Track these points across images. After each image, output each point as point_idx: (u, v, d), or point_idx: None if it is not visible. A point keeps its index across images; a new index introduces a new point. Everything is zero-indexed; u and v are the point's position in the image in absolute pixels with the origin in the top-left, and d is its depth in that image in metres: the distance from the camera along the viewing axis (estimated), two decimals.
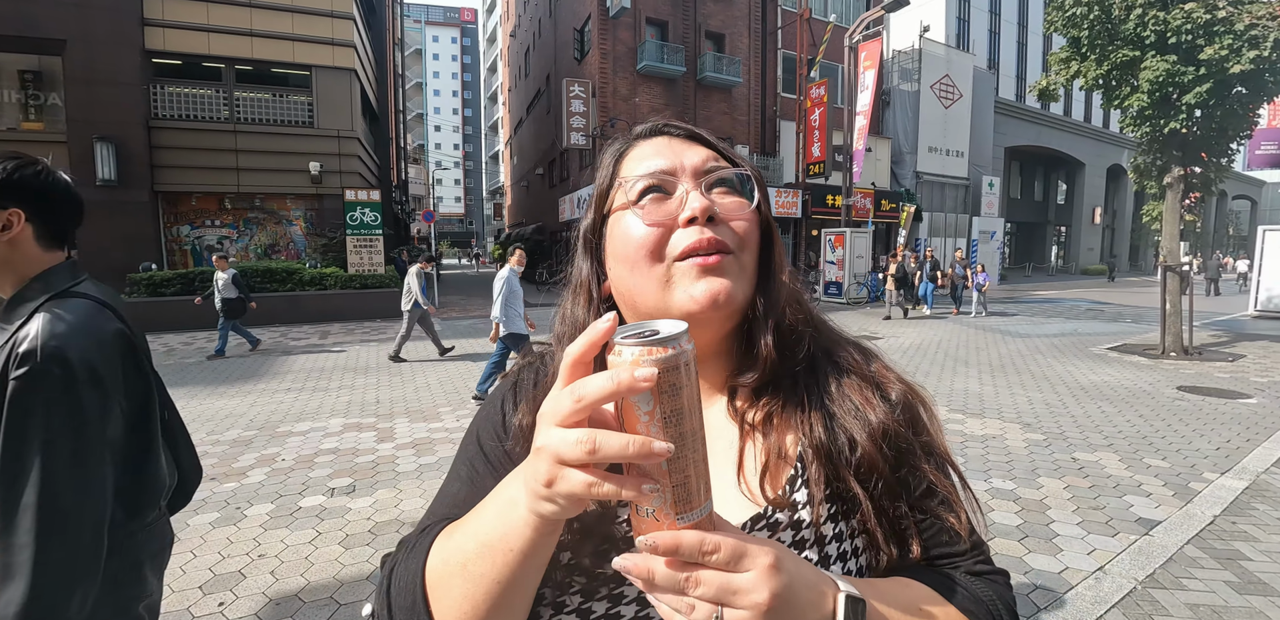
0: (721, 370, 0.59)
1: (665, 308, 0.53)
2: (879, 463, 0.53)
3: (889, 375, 0.61)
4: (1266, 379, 6.82)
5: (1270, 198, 47.14)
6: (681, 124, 0.60)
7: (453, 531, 0.46)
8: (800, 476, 0.54)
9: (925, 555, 0.55)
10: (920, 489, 0.55)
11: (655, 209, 0.54)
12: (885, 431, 0.55)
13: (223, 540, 3.03)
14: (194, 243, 13.09)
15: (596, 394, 0.34)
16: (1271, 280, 12.88)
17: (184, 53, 12.47)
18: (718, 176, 0.56)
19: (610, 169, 0.59)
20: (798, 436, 0.55)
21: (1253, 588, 2.57)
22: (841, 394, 0.57)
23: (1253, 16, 6.78)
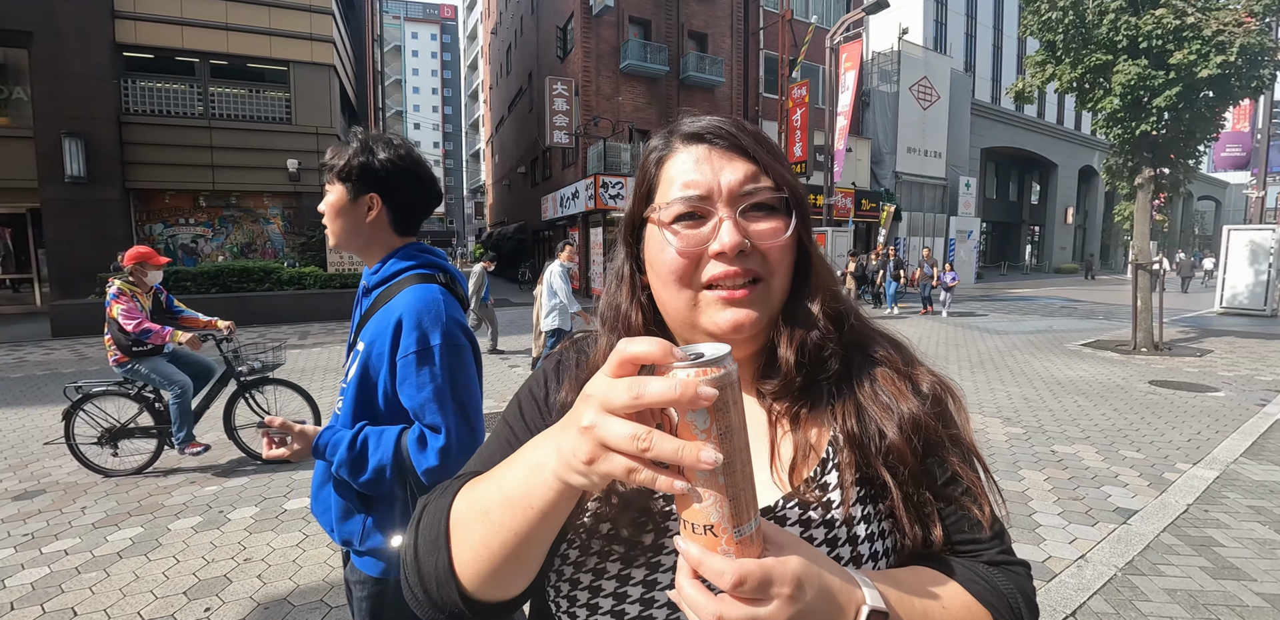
0: (750, 369, 0.61)
1: (692, 324, 0.56)
2: (907, 453, 0.55)
3: (920, 368, 0.62)
4: (1233, 373, 7.06)
5: (1234, 198, 48.66)
6: (727, 129, 0.56)
7: (481, 481, 0.49)
8: (831, 460, 0.56)
9: (948, 541, 0.56)
10: (945, 478, 0.57)
11: (687, 235, 0.54)
12: (915, 422, 0.56)
13: (206, 545, 2.97)
14: (168, 241, 12.78)
15: (655, 396, 0.35)
16: (1236, 278, 13.33)
17: (156, 46, 12.16)
18: (753, 202, 0.55)
19: (651, 172, 0.59)
20: (828, 426, 0.57)
21: (1226, 572, 2.66)
22: (874, 386, 0.58)
23: (1220, 22, 7.00)
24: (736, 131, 0.56)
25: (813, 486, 0.55)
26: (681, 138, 0.57)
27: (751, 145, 0.56)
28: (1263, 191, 14.29)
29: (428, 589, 0.49)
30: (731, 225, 0.53)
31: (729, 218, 0.53)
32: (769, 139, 0.58)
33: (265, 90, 13.03)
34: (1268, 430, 4.79)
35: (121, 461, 4.02)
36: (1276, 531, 3.06)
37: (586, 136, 17.57)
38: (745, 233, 0.54)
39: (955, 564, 0.55)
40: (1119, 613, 2.37)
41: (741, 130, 0.57)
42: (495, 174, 37.37)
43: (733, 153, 0.56)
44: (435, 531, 0.49)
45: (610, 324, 0.62)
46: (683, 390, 0.34)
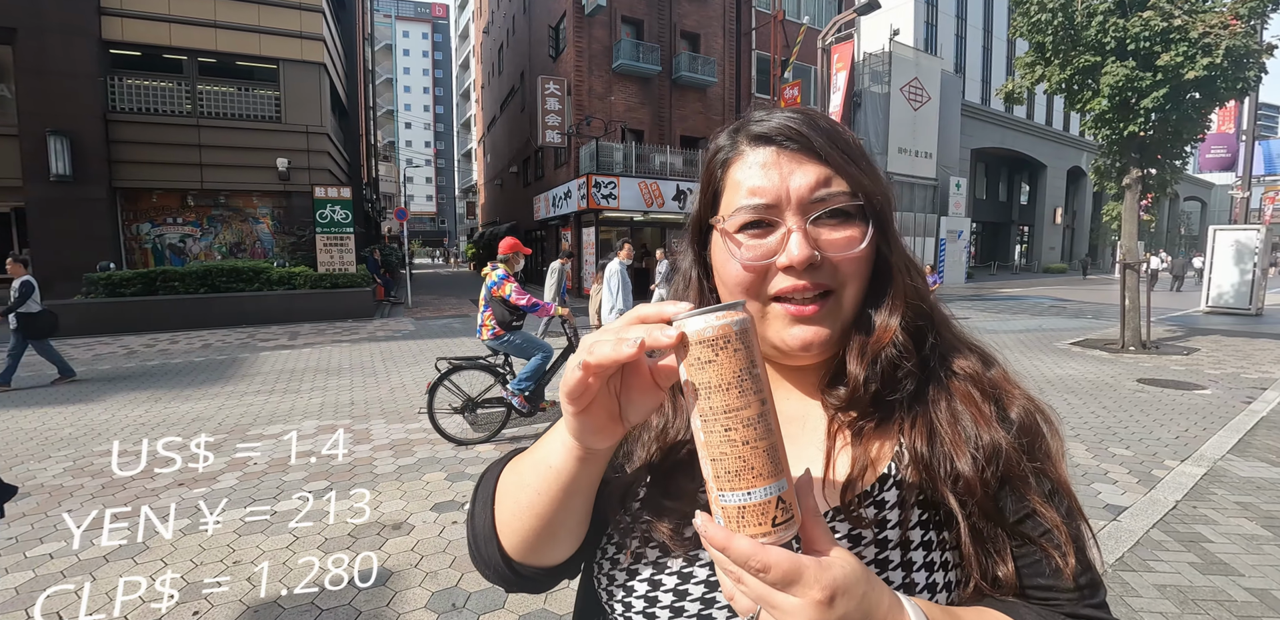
0: (817, 374, 0.57)
1: (761, 336, 0.53)
2: (976, 485, 0.50)
3: (1012, 390, 0.56)
4: (1219, 371, 7.14)
5: (1219, 199, 49.32)
6: (795, 128, 0.52)
7: (530, 451, 0.54)
8: (892, 477, 0.52)
9: (1020, 586, 0.51)
10: (1021, 514, 0.51)
11: (753, 246, 0.51)
12: (996, 452, 0.51)
13: (194, 548, 2.94)
14: (155, 241, 12.64)
15: (632, 336, 0.38)
16: (1222, 277, 13.50)
17: (144, 44, 12.02)
18: (825, 210, 0.50)
19: (717, 175, 0.55)
20: (893, 442, 0.53)
21: (1215, 568, 2.69)
22: (952, 406, 0.53)
23: (1206, 25, 7.08)
24: (808, 131, 0.51)
25: (867, 502, 0.51)
26: (749, 138, 0.53)
27: (824, 146, 0.51)
28: (1247, 192, 14.48)
29: (477, 546, 0.54)
30: (800, 237, 0.49)
31: (798, 228, 0.50)
32: (847, 137, 0.53)
33: (254, 88, 12.92)
34: (1254, 427, 4.85)
35: (474, 431, 4.66)
36: (1263, 527, 3.10)
37: (579, 136, 17.54)
38: (815, 244, 0.50)
39: (1027, 612, 0.49)
40: (1110, 608, 2.38)
41: (814, 129, 0.52)
42: (487, 174, 37.24)
43: (803, 155, 0.51)
44: (487, 493, 0.55)
45: None
46: (650, 332, 0.37)
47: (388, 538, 3.05)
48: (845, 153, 0.52)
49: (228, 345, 9.10)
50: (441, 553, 2.88)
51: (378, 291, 14.57)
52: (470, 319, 12.31)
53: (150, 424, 5.02)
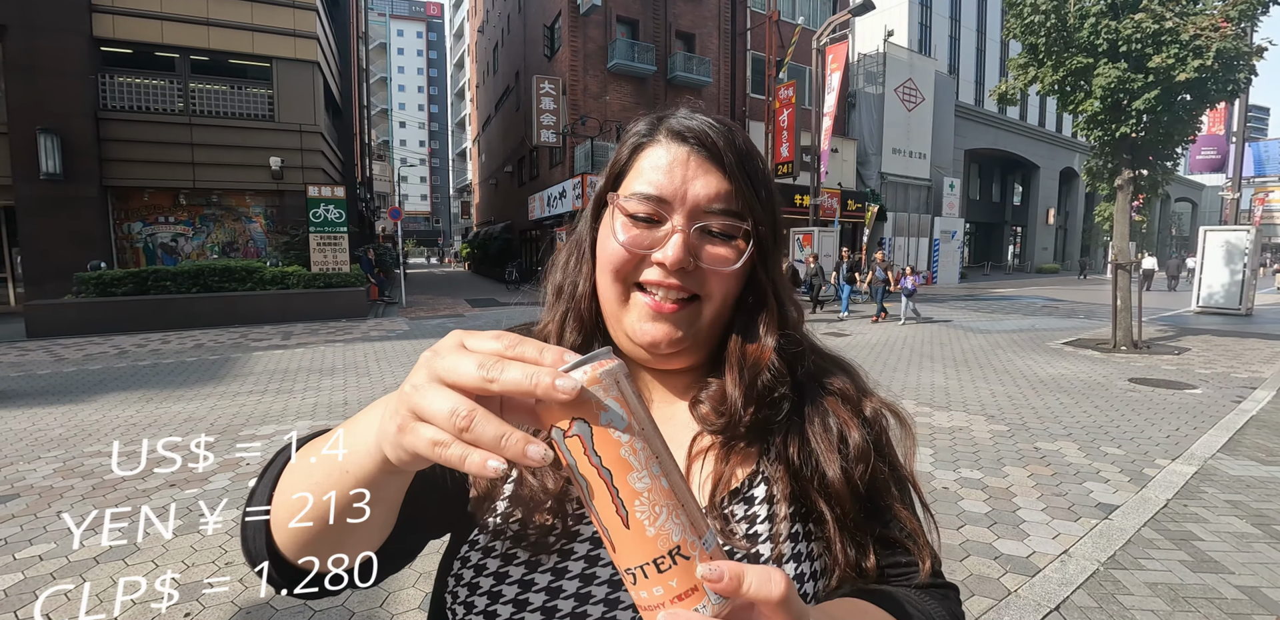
0: (679, 384, 0.59)
1: (619, 320, 0.55)
2: (845, 492, 0.53)
3: (870, 395, 0.61)
4: (1209, 370, 7.20)
5: (1209, 200, 49.74)
6: (711, 137, 0.52)
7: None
8: (760, 473, 0.54)
9: (879, 568, 0.55)
10: (885, 519, 0.56)
11: (638, 233, 0.52)
12: (861, 451, 0.55)
13: (186, 549, 2.91)
14: (147, 240, 12.55)
15: (510, 383, 0.30)
16: (1212, 278, 13.61)
17: (135, 41, 11.93)
18: (711, 228, 0.52)
19: (625, 155, 0.56)
20: (762, 446, 0.55)
21: (1205, 566, 2.71)
22: (823, 417, 0.56)
23: (1197, 27, 7.14)
24: (724, 145, 0.52)
25: (737, 499, 0.52)
26: (668, 132, 0.54)
27: (733, 164, 0.52)
28: (1237, 193, 14.60)
29: (244, 532, 0.45)
30: (681, 240, 0.50)
31: (681, 231, 0.51)
32: (758, 162, 0.55)
33: (247, 87, 12.83)
34: (1243, 426, 4.89)
35: None
36: (1253, 525, 3.12)
37: (574, 136, 17.53)
38: (694, 251, 0.51)
39: (888, 595, 0.52)
40: (1102, 606, 2.40)
41: (730, 145, 0.53)
42: (482, 173, 37.16)
43: (711, 165, 0.52)
44: (275, 471, 0.45)
45: (566, 299, 0.60)
46: (539, 380, 0.30)
47: None
48: (750, 176, 0.53)
49: (220, 345, 9.04)
50: (435, 553, 2.86)
51: (372, 291, 14.51)
52: (466, 319, 12.31)
53: (142, 424, 4.98)
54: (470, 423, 0.30)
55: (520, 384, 0.30)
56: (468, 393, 0.31)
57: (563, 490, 0.51)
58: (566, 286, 0.60)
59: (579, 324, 0.58)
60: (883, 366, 7.40)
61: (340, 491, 0.38)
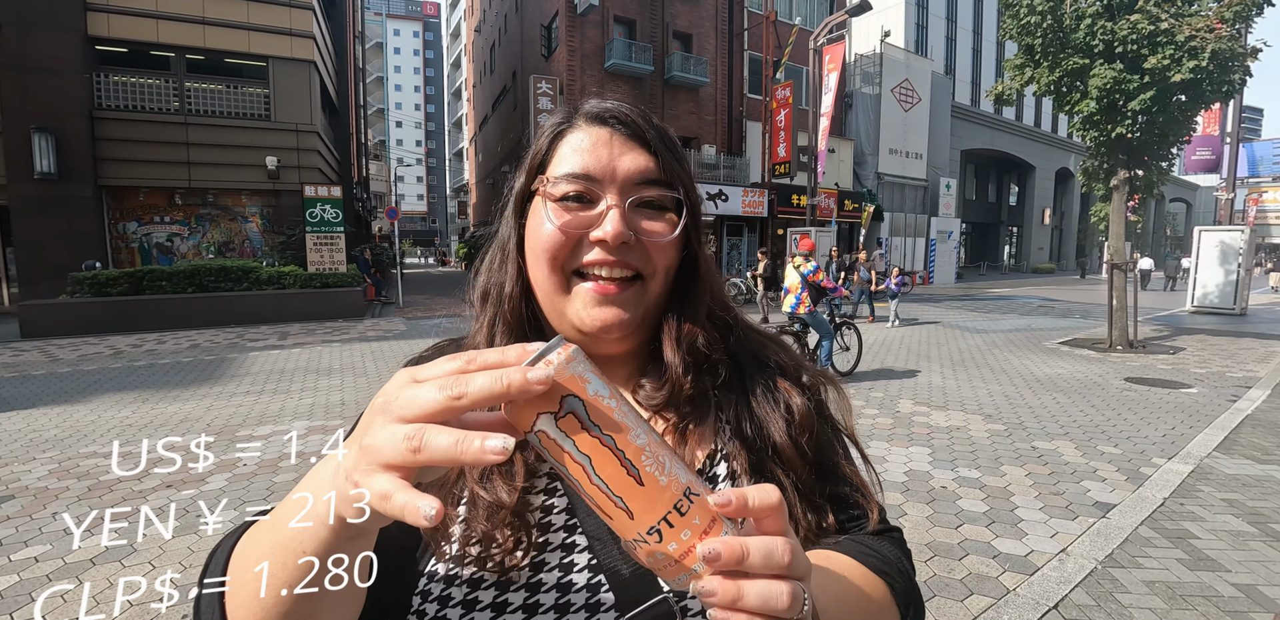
0: (623, 371, 0.59)
1: (560, 312, 0.54)
2: (796, 457, 0.55)
3: (803, 365, 0.64)
4: (1205, 370, 7.24)
5: (1204, 200, 49.98)
6: (630, 116, 0.54)
7: (271, 514, 0.38)
8: (720, 451, 0.55)
9: (837, 522, 0.57)
10: (835, 478, 0.58)
11: (571, 215, 0.52)
12: (804, 414, 0.57)
13: (183, 550, 2.90)
14: (142, 240, 12.49)
15: (480, 391, 0.29)
16: (1207, 277, 13.68)
17: (130, 40, 11.87)
18: (645, 198, 0.53)
19: (546, 143, 0.56)
20: (716, 423, 0.56)
21: (1202, 564, 2.72)
22: (765, 389, 0.58)
23: (1192, 28, 7.18)
24: (642, 122, 0.54)
25: (702, 479, 0.50)
26: (585, 116, 0.55)
27: (655, 139, 0.54)
28: (1231, 194, 14.68)
29: (199, 607, 0.40)
30: (618, 214, 0.51)
31: (617, 206, 0.51)
32: (673, 136, 0.57)
33: (243, 86, 12.78)
34: (1239, 425, 4.92)
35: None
36: (1249, 523, 3.14)
37: None
38: (632, 225, 0.52)
39: (845, 542, 0.55)
40: (1100, 605, 2.41)
41: (647, 122, 0.55)
42: (479, 173, 37.10)
43: (634, 142, 0.54)
44: (215, 573, 0.41)
45: (494, 302, 0.58)
46: (510, 378, 0.29)
47: None
48: (671, 151, 0.55)
49: (216, 345, 9.01)
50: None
51: (368, 291, 14.47)
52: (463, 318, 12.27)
53: (138, 425, 4.96)
54: (421, 440, 0.28)
55: (491, 389, 0.29)
56: (433, 421, 0.29)
57: (521, 502, 0.49)
58: (492, 289, 0.59)
59: (507, 327, 0.57)
60: (879, 366, 7.42)
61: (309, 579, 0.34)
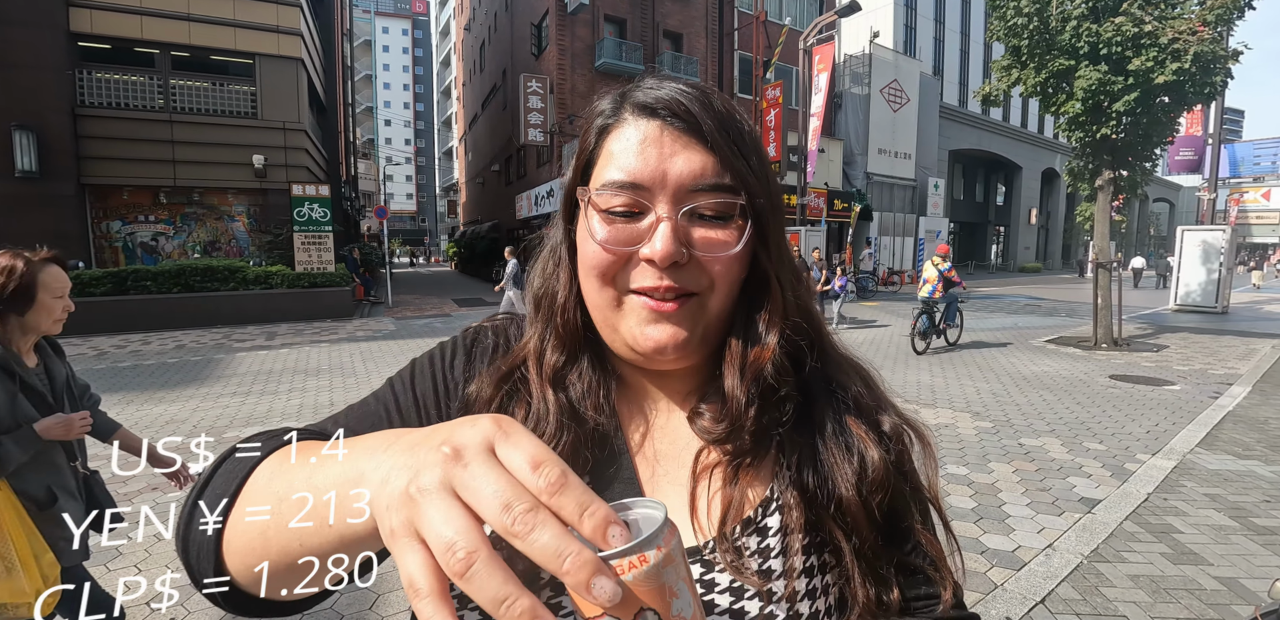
0: (683, 388, 0.53)
1: (613, 327, 0.48)
2: (862, 516, 0.48)
3: (887, 407, 0.55)
4: (1187, 367, 7.35)
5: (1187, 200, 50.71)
6: (684, 104, 0.46)
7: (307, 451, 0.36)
8: (775, 500, 0.48)
9: (902, 599, 0.50)
10: (909, 547, 0.51)
11: (618, 230, 0.46)
12: (878, 469, 0.49)
13: (170, 553, 2.87)
14: (126, 239, 12.31)
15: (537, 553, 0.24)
16: (1190, 276, 13.89)
17: (114, 36, 11.68)
18: (701, 208, 0.46)
19: (591, 142, 0.50)
20: (776, 465, 0.49)
21: (1185, 558, 2.77)
22: (836, 429, 0.51)
23: (1175, 31, 7.28)
24: (700, 111, 0.46)
25: (749, 530, 0.47)
26: (633, 107, 0.47)
27: (713, 131, 0.45)
28: (1213, 194, 14.91)
29: (188, 552, 0.39)
30: (669, 229, 0.44)
31: (668, 219, 0.44)
32: (741, 125, 0.48)
33: (229, 83, 12.63)
34: (1220, 422, 5.00)
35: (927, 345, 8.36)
36: (1231, 518, 3.20)
37: (561, 135, 17.47)
38: (686, 239, 0.45)
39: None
40: (1086, 599, 2.44)
41: (707, 110, 0.46)
42: (468, 172, 36.93)
43: (689, 137, 0.46)
44: (225, 488, 0.39)
45: (545, 314, 0.53)
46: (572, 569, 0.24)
47: None
48: (736, 143, 0.46)
49: (202, 346, 8.90)
50: None
51: (357, 291, 14.36)
52: (453, 318, 12.24)
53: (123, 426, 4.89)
54: (467, 568, 0.24)
55: (548, 561, 0.24)
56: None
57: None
58: (544, 298, 0.53)
59: (560, 341, 0.51)
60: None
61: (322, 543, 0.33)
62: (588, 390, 0.50)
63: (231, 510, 0.38)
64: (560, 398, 0.49)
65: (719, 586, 0.45)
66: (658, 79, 0.49)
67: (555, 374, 0.51)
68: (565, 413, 0.49)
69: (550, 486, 0.25)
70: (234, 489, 0.38)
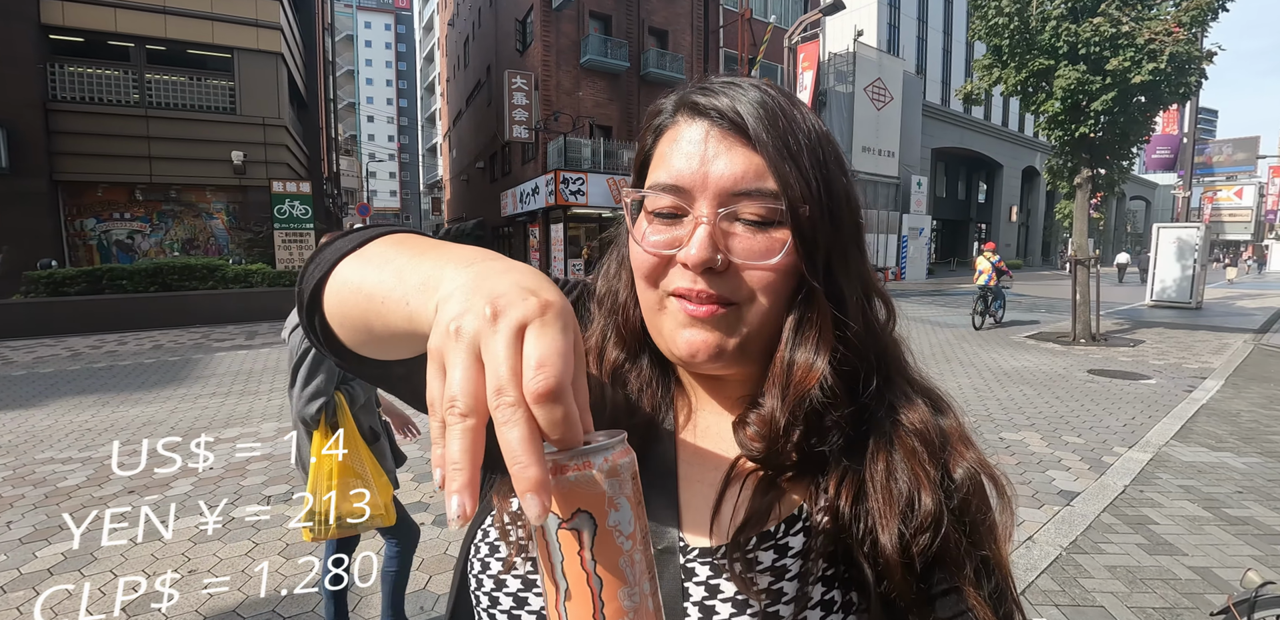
0: (740, 391, 0.50)
1: (658, 330, 0.48)
2: (897, 565, 0.43)
3: (963, 449, 0.48)
4: (1163, 361, 7.50)
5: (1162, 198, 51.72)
6: (731, 104, 0.44)
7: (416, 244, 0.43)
8: (801, 519, 0.45)
9: None
10: (948, 597, 0.45)
11: (659, 232, 0.45)
12: (933, 521, 0.43)
13: (146, 558, 2.81)
14: (101, 237, 12.04)
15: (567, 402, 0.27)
16: (1165, 273, 14.18)
17: (87, 29, 11.42)
18: (741, 213, 0.43)
19: (648, 143, 0.49)
20: (812, 489, 0.46)
21: (1160, 548, 2.83)
22: (890, 464, 0.46)
23: (1151, 32, 7.40)
24: (749, 109, 0.43)
25: (766, 544, 0.44)
26: (686, 107, 0.46)
27: (759, 131, 0.42)
28: (1188, 192, 15.23)
29: (301, 293, 0.47)
30: (706, 233, 0.42)
31: (707, 223, 0.43)
32: (797, 124, 0.44)
33: (207, 78, 12.40)
34: (1194, 415, 5.11)
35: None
36: (1204, 509, 3.27)
37: (547, 131, 17.38)
38: (725, 245, 0.43)
39: None
40: (1065, 590, 2.48)
41: (760, 108, 0.43)
42: (453, 169, 36.62)
43: (735, 137, 0.44)
44: (342, 249, 0.45)
45: (607, 312, 0.54)
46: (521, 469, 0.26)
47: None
48: (785, 144, 0.43)
49: (180, 346, 8.74)
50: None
51: None
52: None
53: (97, 429, 4.79)
54: (443, 428, 0.27)
55: (506, 457, 0.26)
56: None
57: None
58: (607, 298, 0.54)
59: (620, 338, 0.52)
60: None
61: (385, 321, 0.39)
62: (645, 386, 0.52)
63: (337, 266, 0.44)
64: (618, 393, 0.51)
65: (723, 595, 0.44)
66: (724, 79, 0.47)
67: (615, 370, 0.52)
68: (621, 409, 0.50)
69: (535, 394, 0.26)
70: (352, 247, 0.45)
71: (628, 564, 0.29)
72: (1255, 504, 3.33)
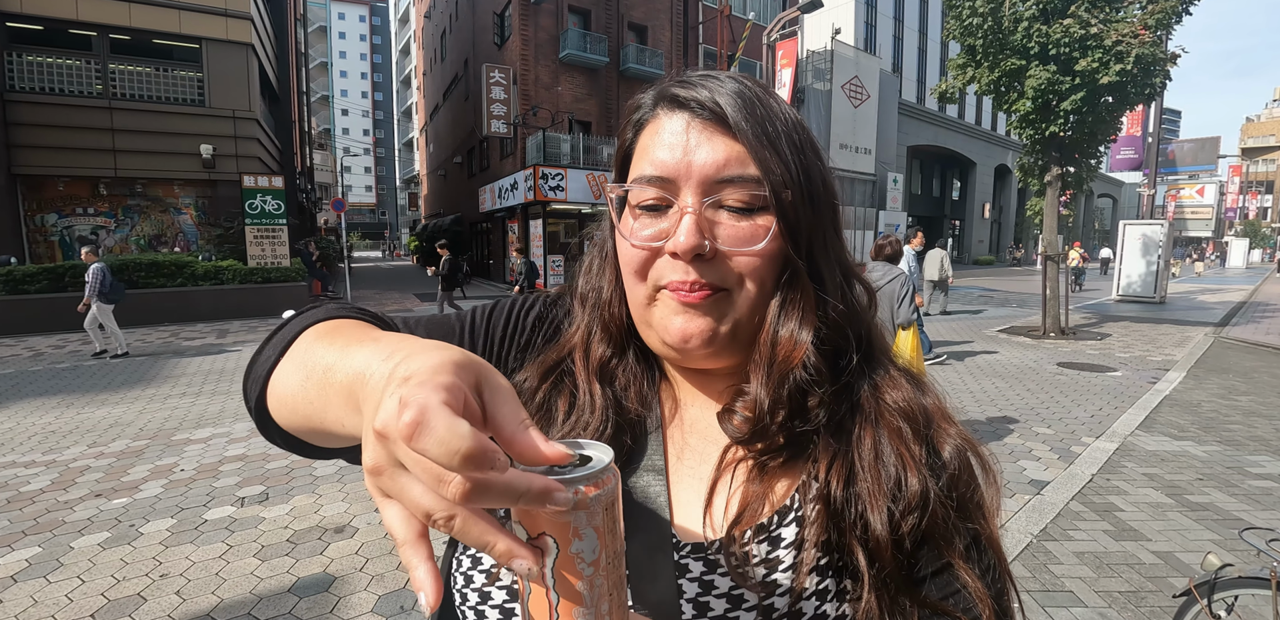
0: (719, 386, 0.51)
1: (647, 323, 0.49)
2: (887, 546, 0.43)
3: (947, 427, 0.49)
4: (1128, 354, 7.74)
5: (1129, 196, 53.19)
6: (710, 96, 0.44)
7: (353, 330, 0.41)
8: (793, 510, 0.45)
9: None
10: (944, 592, 0.44)
11: (646, 225, 0.46)
12: (920, 501, 0.44)
13: (116, 562, 2.74)
14: (63, 233, 11.63)
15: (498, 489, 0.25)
16: (1131, 268, 14.60)
17: (46, 17, 10.96)
18: (726, 200, 0.44)
19: (629, 137, 0.49)
20: (800, 475, 0.47)
21: (1126, 534, 2.92)
22: (877, 444, 0.46)
23: (1119, 34, 7.59)
24: (727, 100, 0.44)
25: (761, 537, 0.44)
26: (665, 100, 0.47)
27: (739, 119, 0.43)
28: (1153, 190, 15.69)
29: (247, 382, 0.46)
30: (692, 221, 0.43)
31: (693, 211, 0.43)
32: (776, 113, 0.45)
33: (175, 69, 12.01)
34: (1158, 405, 5.29)
35: None
36: (1167, 495, 3.39)
37: (525, 126, 17.23)
38: (711, 232, 0.44)
39: None
40: (1035, 576, 2.55)
41: (738, 98, 0.44)
42: (430, 164, 36.11)
43: (716, 127, 0.44)
44: (287, 337, 0.44)
45: (591, 308, 0.54)
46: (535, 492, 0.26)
47: (330, 542, 2.93)
48: (764, 131, 0.44)
49: (148, 345, 8.51)
50: (388, 555, 2.79)
51: (314, 286, 13.92)
52: (415, 314, 11.99)
53: (61, 431, 4.64)
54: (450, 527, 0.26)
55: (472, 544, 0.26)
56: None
57: None
58: (590, 294, 0.54)
59: (606, 334, 0.52)
60: None
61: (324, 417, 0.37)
62: (631, 382, 0.51)
63: (283, 356, 0.43)
64: (605, 390, 0.50)
65: (717, 590, 0.44)
66: (700, 73, 0.48)
67: (601, 367, 0.51)
68: (609, 405, 0.49)
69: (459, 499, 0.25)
70: (292, 336, 0.44)
71: (587, 587, 0.29)
72: (1214, 490, 3.46)
